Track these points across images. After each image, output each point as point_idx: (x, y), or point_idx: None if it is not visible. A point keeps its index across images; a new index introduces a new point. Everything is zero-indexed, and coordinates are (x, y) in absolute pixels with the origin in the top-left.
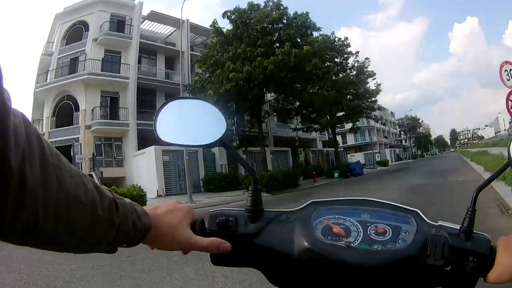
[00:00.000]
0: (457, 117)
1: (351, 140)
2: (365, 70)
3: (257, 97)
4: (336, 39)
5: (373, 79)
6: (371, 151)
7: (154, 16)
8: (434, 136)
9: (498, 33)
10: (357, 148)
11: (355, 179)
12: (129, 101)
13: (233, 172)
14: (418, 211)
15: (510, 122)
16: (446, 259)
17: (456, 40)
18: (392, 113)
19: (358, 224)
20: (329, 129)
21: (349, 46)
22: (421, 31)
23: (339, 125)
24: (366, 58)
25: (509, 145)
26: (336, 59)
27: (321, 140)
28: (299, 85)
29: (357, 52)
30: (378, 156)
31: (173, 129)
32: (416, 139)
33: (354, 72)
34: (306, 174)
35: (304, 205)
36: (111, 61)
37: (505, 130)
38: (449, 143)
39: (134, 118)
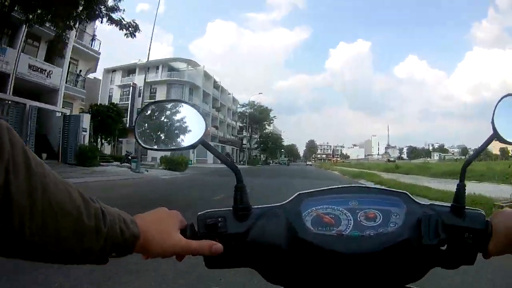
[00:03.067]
0: (317, 130)
1: None
2: None
3: None
4: None
5: None
6: None
7: None
8: (285, 143)
9: (390, 63)
10: None
11: None
12: None
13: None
14: (407, 192)
15: (385, 148)
16: (440, 238)
17: (337, 57)
18: (234, 99)
19: (348, 212)
20: None
21: None
22: (299, 40)
23: None
24: None
25: (493, 118)
26: None
27: None
28: None
29: None
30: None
31: (154, 134)
32: (261, 140)
33: None
34: None
35: (292, 198)
36: None
37: (378, 154)
38: (301, 155)
39: None
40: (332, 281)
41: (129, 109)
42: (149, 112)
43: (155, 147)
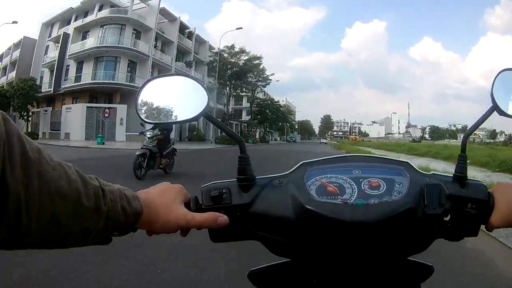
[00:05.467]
0: (333, 109)
1: None
2: None
3: None
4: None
5: None
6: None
7: None
8: (298, 118)
9: (405, 44)
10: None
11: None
12: None
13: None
14: (409, 162)
15: (406, 126)
16: (444, 208)
17: (353, 37)
18: (210, 46)
19: (351, 181)
20: None
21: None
22: (315, 20)
23: None
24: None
25: (492, 90)
26: None
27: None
28: None
29: None
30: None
31: (156, 108)
32: (257, 109)
33: None
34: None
35: (295, 167)
36: None
37: (399, 133)
38: (316, 132)
39: None
40: (337, 251)
41: (56, 64)
42: (150, 87)
43: (157, 121)
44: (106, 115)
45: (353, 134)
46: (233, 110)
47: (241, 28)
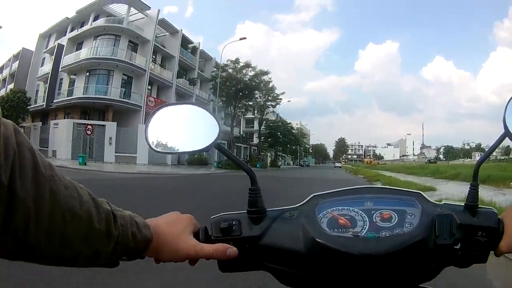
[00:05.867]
0: (348, 132)
1: None
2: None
3: None
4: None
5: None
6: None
7: None
8: (312, 142)
9: (418, 64)
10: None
11: None
12: None
13: None
14: (421, 192)
15: (421, 148)
16: (455, 237)
17: (366, 59)
18: (217, 63)
19: (363, 213)
20: None
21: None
22: (328, 42)
23: None
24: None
25: (504, 116)
26: None
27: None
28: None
29: None
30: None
31: (166, 137)
32: (267, 131)
33: None
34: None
35: (306, 200)
36: None
37: (413, 154)
38: (330, 155)
39: None
40: (347, 283)
41: (49, 77)
42: (160, 115)
43: (167, 150)
44: (89, 132)
45: (368, 157)
46: (244, 133)
47: (245, 38)
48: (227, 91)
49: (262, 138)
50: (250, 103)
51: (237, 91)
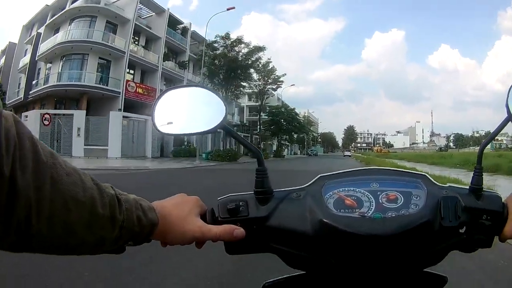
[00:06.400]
0: (356, 121)
1: None
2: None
3: None
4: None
5: None
6: None
7: None
8: (321, 130)
9: (423, 52)
10: None
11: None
12: None
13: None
14: (427, 174)
15: (430, 135)
16: (460, 220)
17: (372, 47)
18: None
19: (369, 194)
20: None
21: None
22: (334, 31)
23: None
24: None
25: (507, 101)
26: None
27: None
28: None
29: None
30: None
31: (172, 119)
32: (269, 118)
33: None
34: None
35: (313, 180)
36: None
37: (423, 142)
38: (339, 144)
39: None
40: (353, 264)
41: (28, 67)
42: (167, 98)
43: (173, 132)
44: (46, 122)
45: (377, 145)
46: (248, 122)
47: (233, 8)
48: (216, 71)
49: (265, 126)
50: (245, 84)
51: (228, 71)
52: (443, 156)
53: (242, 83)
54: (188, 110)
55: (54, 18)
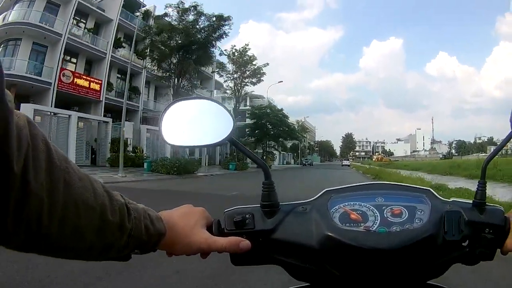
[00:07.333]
0: (354, 130)
1: None
2: None
3: None
4: None
5: None
6: None
7: None
8: (318, 138)
9: (422, 60)
10: None
11: None
12: None
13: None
14: (431, 189)
15: (431, 143)
16: (463, 234)
17: (371, 56)
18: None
19: (374, 208)
20: None
21: None
22: (332, 39)
23: None
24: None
25: (511, 114)
26: None
27: None
28: None
29: None
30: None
31: (180, 131)
32: (254, 122)
33: None
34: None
35: (319, 194)
36: None
37: (424, 150)
38: (337, 153)
39: None
40: (359, 278)
41: None
42: (174, 109)
43: (181, 144)
44: None
45: (376, 153)
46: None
47: None
48: (165, 52)
49: (248, 130)
50: (204, 68)
51: (181, 51)
52: (458, 166)
53: (202, 68)
54: (196, 122)
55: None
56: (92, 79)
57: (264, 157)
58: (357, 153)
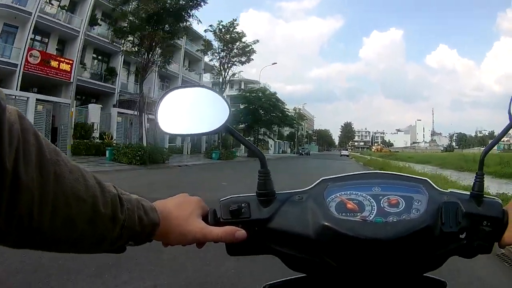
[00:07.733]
0: (353, 119)
1: None
2: None
3: None
4: None
5: None
6: None
7: None
8: (316, 127)
9: (422, 52)
10: None
11: None
12: None
13: None
14: (428, 179)
15: (431, 134)
16: (460, 226)
17: (371, 46)
18: None
19: (371, 198)
20: None
21: None
22: (333, 29)
23: None
24: None
25: (510, 107)
26: None
27: None
28: None
29: None
30: None
31: (176, 119)
32: (245, 107)
33: None
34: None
35: (315, 183)
36: None
37: (424, 142)
38: (336, 142)
39: None
40: (355, 268)
41: None
42: (170, 98)
43: (177, 132)
44: None
45: (376, 143)
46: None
47: None
48: (133, 23)
49: (240, 116)
50: (179, 41)
51: (147, 19)
52: (472, 159)
53: (176, 41)
54: (192, 110)
55: None
56: (63, 59)
57: (257, 146)
58: (356, 143)
